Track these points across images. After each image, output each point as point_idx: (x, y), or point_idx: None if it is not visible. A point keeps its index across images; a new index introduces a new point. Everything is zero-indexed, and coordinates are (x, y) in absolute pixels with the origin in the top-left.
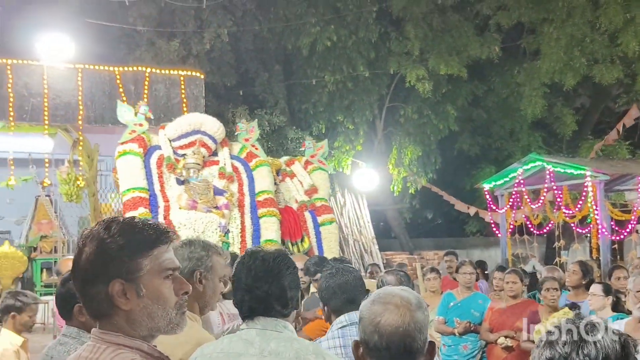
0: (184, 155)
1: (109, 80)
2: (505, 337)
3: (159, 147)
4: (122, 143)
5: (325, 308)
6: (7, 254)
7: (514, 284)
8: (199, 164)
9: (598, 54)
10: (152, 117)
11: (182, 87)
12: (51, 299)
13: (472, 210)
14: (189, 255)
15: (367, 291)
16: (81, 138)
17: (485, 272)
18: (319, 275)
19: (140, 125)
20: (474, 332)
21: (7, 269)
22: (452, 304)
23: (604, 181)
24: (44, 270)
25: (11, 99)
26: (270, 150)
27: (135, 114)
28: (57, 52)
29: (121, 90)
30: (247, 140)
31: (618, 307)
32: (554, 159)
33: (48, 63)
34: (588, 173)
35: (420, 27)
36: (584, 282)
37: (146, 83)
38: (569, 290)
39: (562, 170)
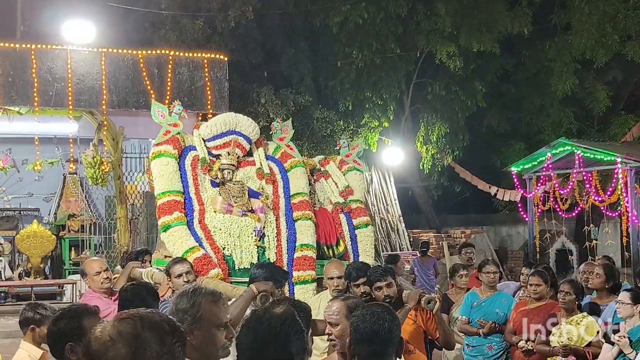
0: (218, 156)
1: (133, 64)
2: (527, 340)
3: (193, 148)
4: (157, 144)
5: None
6: (36, 233)
7: (538, 287)
8: (234, 165)
9: (631, 30)
10: (186, 117)
11: (206, 70)
12: (79, 278)
13: (492, 190)
14: (177, 308)
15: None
16: (105, 122)
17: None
18: (361, 280)
19: (175, 125)
20: (499, 333)
21: (36, 247)
22: (475, 303)
23: (634, 168)
24: (73, 248)
25: (35, 84)
26: (295, 131)
27: (170, 113)
28: (80, 36)
29: (145, 73)
30: (281, 139)
31: None
32: (584, 144)
33: (72, 47)
34: (619, 159)
35: (451, 3)
36: (607, 286)
37: (170, 66)
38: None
39: (592, 156)
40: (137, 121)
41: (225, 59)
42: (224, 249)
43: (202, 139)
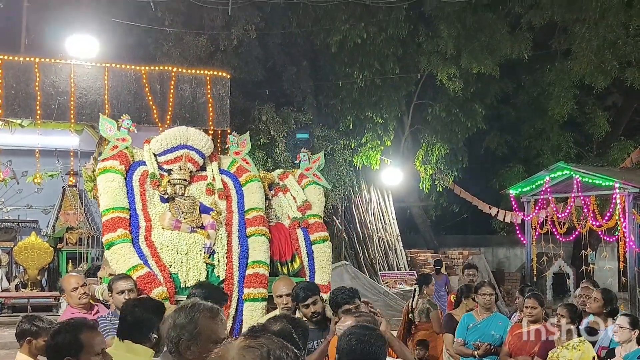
0: (169, 171)
1: (135, 80)
2: None
3: (143, 163)
4: (103, 160)
5: None
6: (33, 245)
7: (534, 309)
8: (185, 180)
9: (630, 56)
10: (135, 131)
11: (208, 87)
12: None
13: (493, 211)
14: (175, 323)
15: None
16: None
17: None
18: (309, 300)
19: (123, 140)
20: (494, 354)
21: (33, 259)
22: (471, 325)
23: (632, 194)
24: (70, 261)
25: (38, 97)
26: (296, 149)
27: (119, 128)
28: (84, 51)
29: (147, 89)
30: (237, 153)
31: None
32: (582, 168)
33: (75, 62)
34: (617, 185)
35: (454, 26)
36: (604, 310)
37: (172, 83)
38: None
39: (590, 181)
40: (138, 136)
41: (228, 76)
42: (170, 266)
43: (153, 153)
